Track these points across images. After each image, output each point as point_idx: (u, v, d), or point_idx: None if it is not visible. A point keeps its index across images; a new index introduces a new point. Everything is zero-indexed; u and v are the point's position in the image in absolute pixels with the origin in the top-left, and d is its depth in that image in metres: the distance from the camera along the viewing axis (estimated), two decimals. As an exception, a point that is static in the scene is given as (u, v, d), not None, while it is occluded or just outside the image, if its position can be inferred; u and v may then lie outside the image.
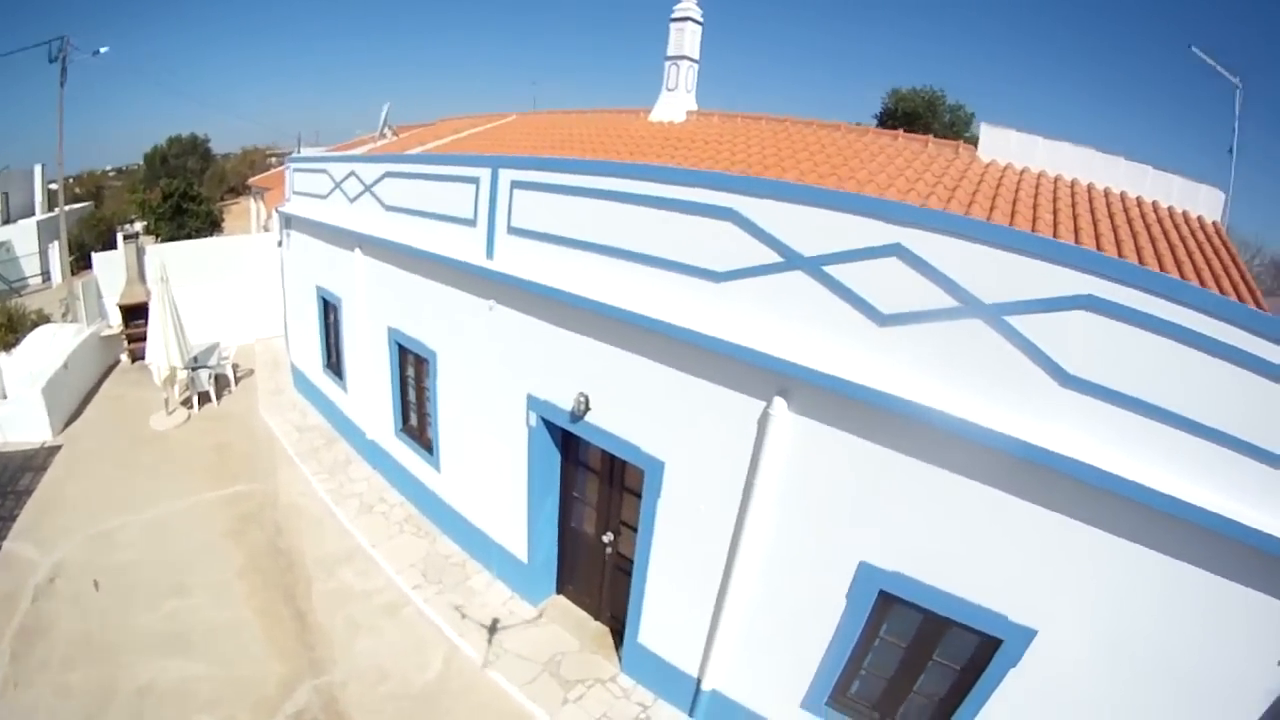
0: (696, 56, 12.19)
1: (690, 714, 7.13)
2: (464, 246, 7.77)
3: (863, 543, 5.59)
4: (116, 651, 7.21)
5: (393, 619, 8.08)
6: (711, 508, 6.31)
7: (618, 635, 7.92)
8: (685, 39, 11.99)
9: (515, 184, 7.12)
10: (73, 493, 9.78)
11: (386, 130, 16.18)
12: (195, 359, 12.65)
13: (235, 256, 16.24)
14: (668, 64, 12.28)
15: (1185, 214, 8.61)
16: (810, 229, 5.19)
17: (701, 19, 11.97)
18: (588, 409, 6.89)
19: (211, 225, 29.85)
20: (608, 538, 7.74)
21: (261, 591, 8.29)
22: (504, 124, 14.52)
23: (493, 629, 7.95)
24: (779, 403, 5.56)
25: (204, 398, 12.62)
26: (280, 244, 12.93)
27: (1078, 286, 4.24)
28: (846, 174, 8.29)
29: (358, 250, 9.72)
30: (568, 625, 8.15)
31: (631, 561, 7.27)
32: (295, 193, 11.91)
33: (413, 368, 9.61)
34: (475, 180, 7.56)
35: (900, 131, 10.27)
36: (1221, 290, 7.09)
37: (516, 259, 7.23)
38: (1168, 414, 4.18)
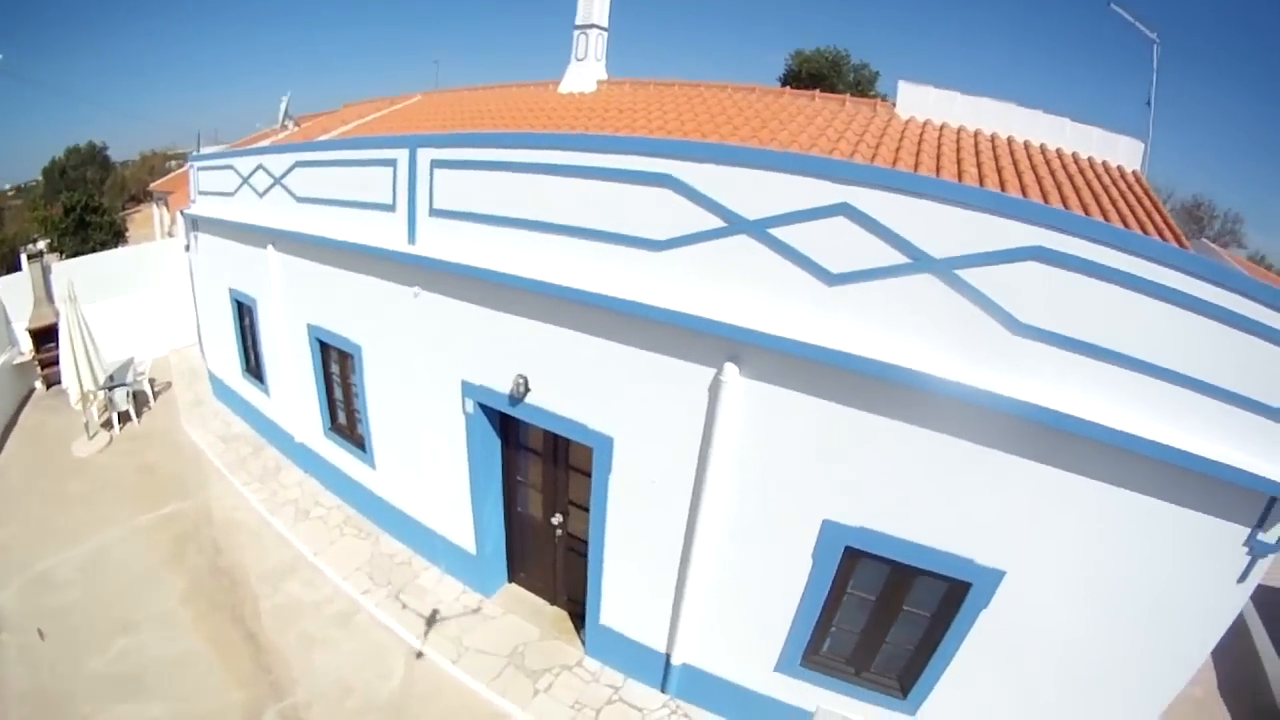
0: (606, 24, 11.43)
1: (663, 690, 6.80)
2: (384, 233, 7.04)
3: (825, 501, 5.36)
4: (73, 703, 6.41)
5: (346, 629, 7.44)
6: (666, 480, 5.92)
7: (576, 618, 7.52)
8: (594, 6, 11.21)
9: (435, 163, 6.45)
10: (2, 535, 8.68)
11: (288, 122, 14.88)
12: (111, 377, 11.36)
13: (142, 266, 14.72)
14: (576, 33, 11.45)
15: (1105, 164, 8.55)
16: (753, 191, 4.83)
17: None
18: (528, 390, 6.36)
19: (116, 236, 27.58)
20: (557, 519, 7.28)
21: (209, 616, 7.51)
22: (410, 105, 13.43)
23: (450, 626, 7.41)
24: (730, 369, 5.21)
25: (124, 417, 11.36)
26: (187, 248, 11.66)
27: (1027, 239, 4.12)
28: (768, 136, 7.92)
29: (270, 247, 8.77)
30: (525, 613, 7.68)
31: (584, 542, 6.85)
32: (200, 193, 10.69)
33: (337, 364, 8.78)
34: (392, 162, 6.84)
35: (816, 92, 9.94)
36: (1140, 223, 7.10)
37: (441, 241, 6.58)
38: (1119, 356, 4.16)
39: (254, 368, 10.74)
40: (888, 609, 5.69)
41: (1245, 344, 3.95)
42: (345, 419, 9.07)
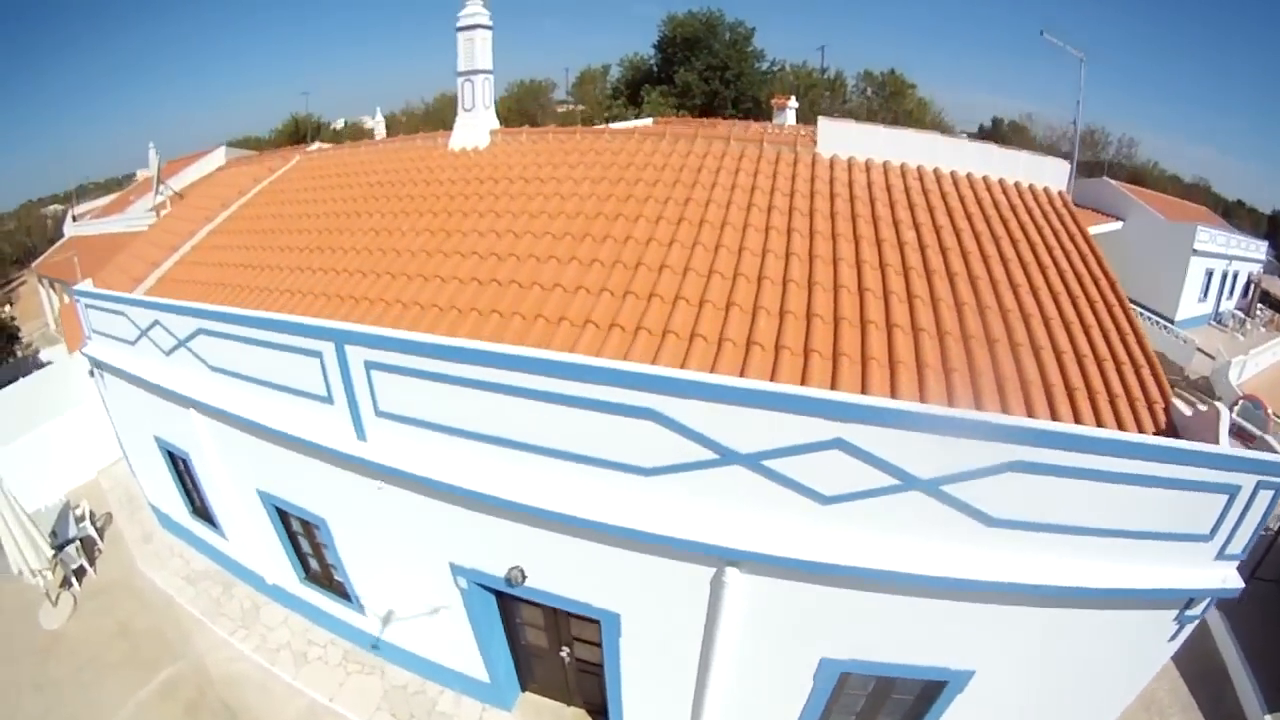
0: (491, 67, 9.90)
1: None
2: (326, 426, 6.26)
3: (823, 645, 5.58)
4: None
5: (389, 772, 7.34)
6: (676, 640, 5.92)
7: (596, 714, 7.64)
8: (476, 50, 9.65)
9: (371, 365, 5.69)
10: (8, 746, 7.86)
11: (162, 188, 12.78)
12: (54, 534, 10.07)
13: (49, 391, 12.79)
14: (461, 81, 9.90)
15: (1032, 188, 8.34)
16: (745, 427, 4.63)
17: (491, 22, 9.60)
18: (525, 578, 6.03)
19: (10, 340, 22.91)
20: (564, 653, 7.20)
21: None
22: (289, 173, 11.47)
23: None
24: (731, 571, 5.17)
25: (80, 571, 10.15)
26: (93, 375, 10.16)
27: (1007, 456, 4.36)
28: (695, 213, 7.35)
29: (192, 411, 7.71)
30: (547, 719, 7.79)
31: (594, 664, 6.87)
32: (95, 331, 9.07)
33: (300, 525, 7.98)
34: (318, 354, 5.99)
35: (732, 130, 8.95)
36: (1078, 276, 7.17)
37: (398, 444, 5.93)
38: (1078, 528, 4.64)
39: (201, 510, 9.65)
40: (878, 702, 6.14)
41: (1174, 496, 4.50)
42: (320, 569, 8.40)
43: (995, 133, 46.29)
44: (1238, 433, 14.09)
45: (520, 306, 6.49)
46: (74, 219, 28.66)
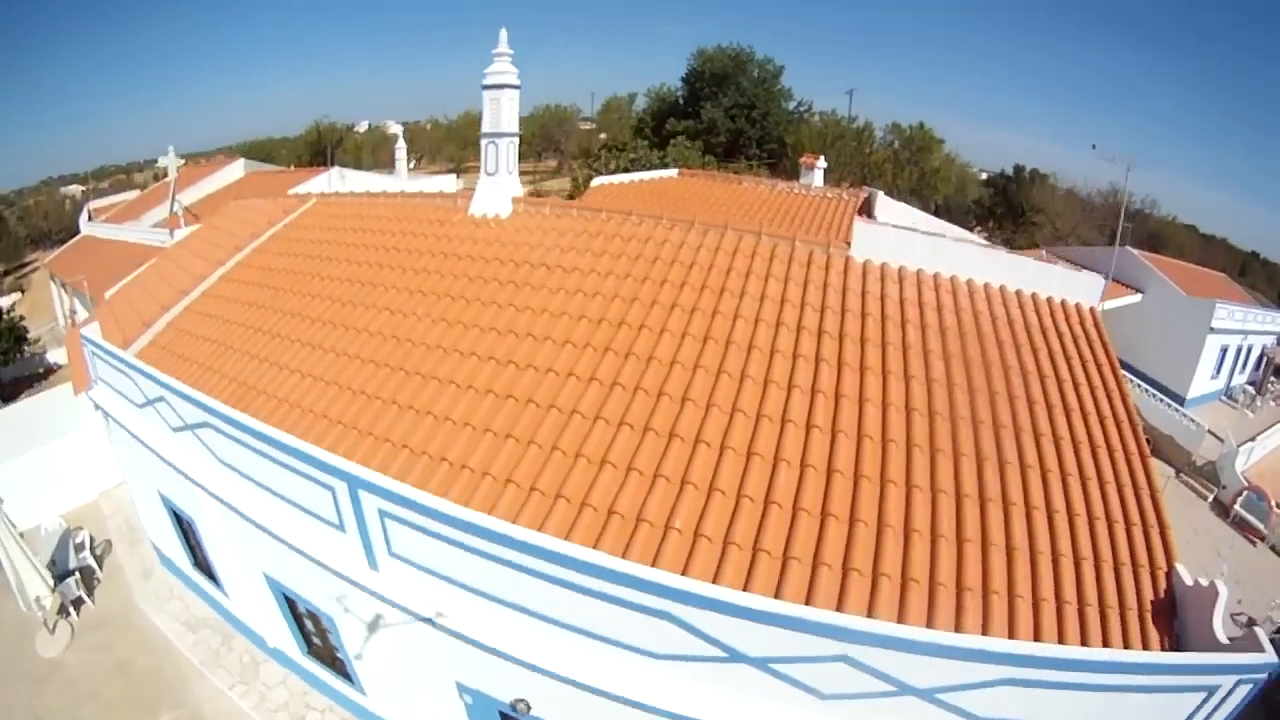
0: (517, 130, 9.70)
1: None
2: (338, 549, 6.39)
3: None
4: None
5: None
6: None
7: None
8: (503, 110, 9.41)
9: (385, 515, 5.77)
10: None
11: (176, 205, 12.49)
12: (54, 562, 10.25)
13: (53, 412, 12.70)
14: (485, 143, 9.69)
15: (1064, 303, 8.40)
16: (756, 636, 4.85)
17: (518, 81, 9.35)
18: (530, 710, 6.20)
19: (18, 341, 22.52)
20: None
21: None
22: (302, 218, 11.20)
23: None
24: None
25: (78, 601, 10.29)
26: (97, 409, 10.12)
27: (1002, 674, 4.68)
28: (720, 330, 7.45)
29: (200, 492, 7.74)
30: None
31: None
32: (100, 379, 9.07)
33: (306, 611, 8.10)
34: (330, 489, 6.07)
35: (761, 232, 8.59)
36: (1102, 418, 7.32)
37: (410, 583, 6.08)
38: None
39: (204, 566, 9.76)
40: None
41: (1155, 696, 4.84)
42: (323, 647, 8.56)
43: (1018, 180, 46.69)
44: (1239, 524, 14.34)
45: (537, 433, 6.55)
46: (90, 217, 29.53)
